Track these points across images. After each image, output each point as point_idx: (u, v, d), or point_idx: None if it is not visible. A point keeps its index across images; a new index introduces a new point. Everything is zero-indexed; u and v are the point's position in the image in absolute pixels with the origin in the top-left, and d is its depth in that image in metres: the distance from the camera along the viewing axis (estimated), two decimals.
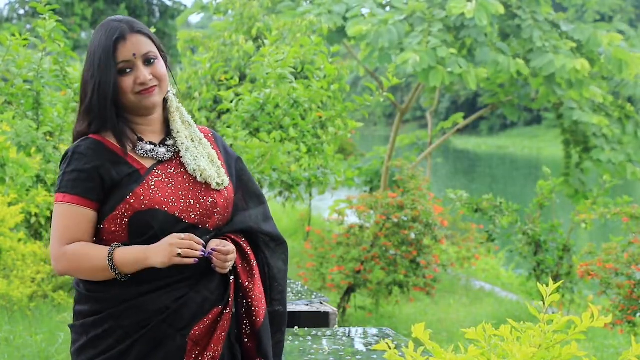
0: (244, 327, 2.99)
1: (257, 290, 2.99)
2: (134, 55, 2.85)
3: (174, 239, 2.73)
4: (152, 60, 2.89)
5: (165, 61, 2.97)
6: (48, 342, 7.15)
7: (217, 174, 2.95)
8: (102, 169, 2.81)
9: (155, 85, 2.89)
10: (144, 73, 2.85)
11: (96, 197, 2.81)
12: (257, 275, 3.01)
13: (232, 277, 2.94)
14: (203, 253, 2.78)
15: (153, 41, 2.92)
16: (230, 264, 2.89)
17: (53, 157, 5.77)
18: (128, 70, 2.85)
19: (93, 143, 2.86)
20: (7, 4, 35.09)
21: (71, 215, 2.79)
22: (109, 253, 2.76)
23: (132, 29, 2.87)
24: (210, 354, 2.86)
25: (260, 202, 3.10)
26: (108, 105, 2.84)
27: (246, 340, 3.00)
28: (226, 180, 2.97)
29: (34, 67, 5.85)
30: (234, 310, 2.97)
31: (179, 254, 2.73)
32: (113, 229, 2.82)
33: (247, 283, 2.98)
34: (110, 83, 2.82)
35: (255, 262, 3.01)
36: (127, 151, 2.87)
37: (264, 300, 3.01)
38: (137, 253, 2.76)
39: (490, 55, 12.20)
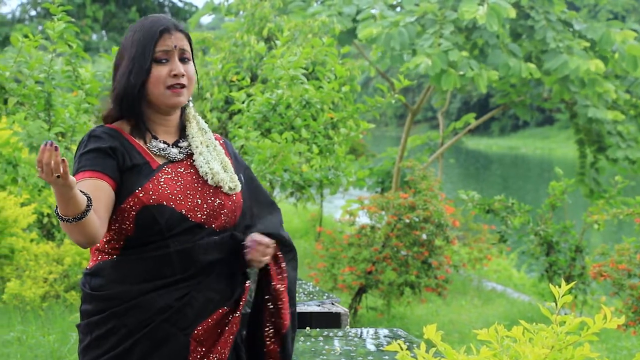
0: (266, 329, 3.00)
1: (286, 294, 3.01)
2: (175, 46, 2.88)
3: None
4: (187, 60, 2.92)
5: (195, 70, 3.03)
6: (60, 342, 7.16)
7: (229, 179, 2.95)
8: (118, 151, 2.82)
9: (185, 86, 2.90)
10: (179, 66, 2.88)
11: (113, 174, 2.80)
12: (287, 279, 3.02)
13: (248, 282, 2.95)
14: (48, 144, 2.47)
15: (190, 45, 2.96)
16: (267, 259, 2.91)
17: (65, 157, 5.78)
18: (164, 61, 2.87)
19: (109, 129, 2.88)
20: (19, 5, 35.21)
21: (89, 187, 2.72)
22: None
23: (176, 27, 2.92)
24: (216, 356, 2.87)
25: (276, 209, 3.12)
26: (136, 93, 2.86)
27: (269, 342, 3.00)
28: (239, 186, 2.98)
29: (45, 69, 5.87)
30: (247, 311, 2.98)
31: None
32: (120, 221, 2.82)
33: (278, 286, 2.99)
34: (144, 68, 2.85)
35: (284, 265, 3.02)
36: (143, 142, 2.89)
37: (288, 304, 3.03)
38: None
39: (502, 57, 12.17)
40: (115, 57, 2.97)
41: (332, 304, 5.10)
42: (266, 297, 3.00)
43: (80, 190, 2.61)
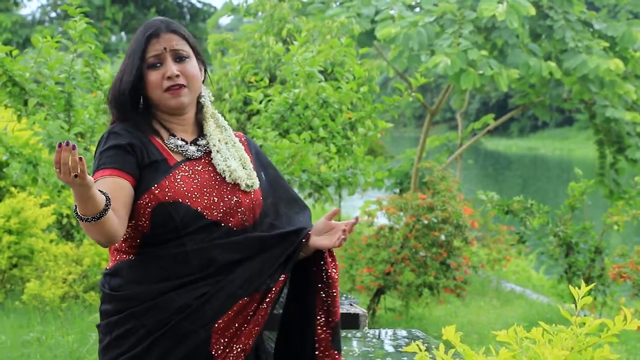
0: (318, 317, 2.98)
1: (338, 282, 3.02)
2: (165, 49, 2.88)
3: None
4: (183, 59, 2.91)
5: (204, 66, 3.02)
6: (79, 342, 7.19)
7: (247, 176, 2.95)
8: (137, 148, 2.83)
9: (184, 86, 2.90)
10: (172, 67, 2.88)
11: (133, 171, 2.81)
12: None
13: (283, 275, 2.92)
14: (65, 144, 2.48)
15: (188, 42, 2.95)
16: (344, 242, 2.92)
17: (84, 158, 5.80)
18: (158, 65, 2.88)
19: (128, 126, 2.89)
20: (38, 7, 35.38)
21: (109, 186, 2.74)
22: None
23: (167, 28, 2.92)
24: (240, 347, 2.85)
25: (303, 208, 3.12)
26: (126, 99, 2.88)
27: (320, 330, 2.97)
28: (256, 183, 2.97)
29: (65, 69, 5.90)
30: (279, 311, 2.99)
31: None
32: (137, 217, 2.83)
33: (335, 275, 2.99)
34: (132, 75, 2.87)
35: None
36: (161, 139, 2.90)
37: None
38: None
39: (521, 57, 12.13)
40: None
41: (351, 304, 5.10)
42: (319, 285, 2.99)
43: (100, 190, 2.62)
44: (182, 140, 2.94)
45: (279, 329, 3.05)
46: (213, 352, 2.82)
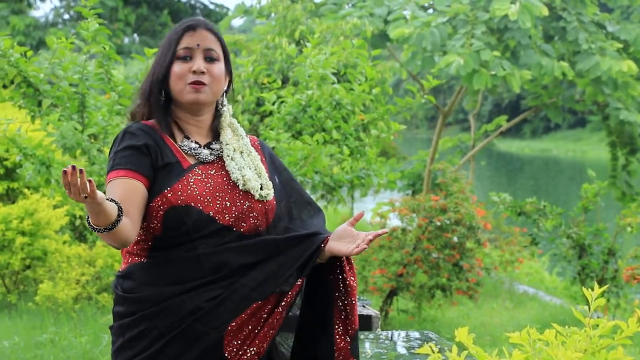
0: (336, 327, 2.96)
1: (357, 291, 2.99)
2: (197, 45, 2.90)
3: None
4: (213, 60, 2.92)
5: (230, 77, 3.03)
6: (92, 343, 7.20)
7: (260, 187, 2.94)
8: (151, 148, 2.84)
9: (206, 85, 2.91)
10: (201, 64, 2.89)
11: (147, 173, 2.82)
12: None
13: (300, 278, 2.90)
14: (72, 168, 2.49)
15: (222, 47, 2.97)
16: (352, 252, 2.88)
17: (97, 159, 5.82)
18: (188, 58, 2.90)
19: (144, 125, 2.90)
20: (52, 9, 35.49)
21: (122, 188, 2.76)
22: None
23: (205, 25, 2.94)
24: (254, 349, 2.84)
25: (317, 211, 3.10)
26: (157, 90, 2.90)
27: (339, 340, 2.95)
28: (271, 194, 2.95)
29: (78, 70, 5.91)
30: (296, 313, 2.97)
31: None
32: (149, 220, 2.83)
33: (353, 283, 2.97)
34: (164, 67, 2.89)
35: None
36: (175, 140, 2.91)
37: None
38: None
39: (534, 57, 12.10)
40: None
41: (363, 306, 5.10)
42: (336, 294, 2.96)
43: (112, 199, 2.64)
44: (196, 143, 2.94)
45: (295, 334, 3.03)
46: (226, 355, 2.82)
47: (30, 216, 8.83)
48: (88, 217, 2.62)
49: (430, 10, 13.23)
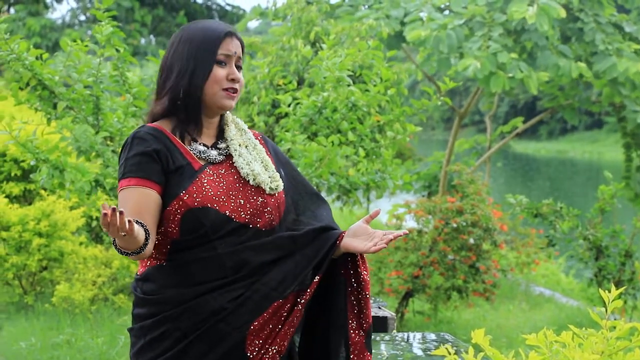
0: (350, 322, 2.97)
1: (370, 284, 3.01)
2: (235, 53, 2.95)
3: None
4: (240, 68, 2.98)
5: None
6: (109, 344, 7.22)
7: (270, 179, 2.96)
8: (161, 153, 2.85)
9: (237, 91, 2.96)
10: (236, 72, 2.94)
11: (159, 179, 2.83)
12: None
13: (317, 276, 2.91)
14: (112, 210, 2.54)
15: (243, 55, 3.03)
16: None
17: (112, 161, 5.82)
18: (224, 64, 2.93)
19: (152, 129, 2.90)
20: (68, 11, 35.61)
21: (136, 197, 2.79)
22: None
23: (237, 35, 2.99)
24: (275, 348, 2.86)
25: (323, 202, 3.13)
26: (196, 91, 2.90)
27: (354, 334, 2.97)
28: (280, 185, 2.98)
29: (93, 72, 5.92)
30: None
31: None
32: (166, 224, 2.84)
33: (367, 277, 2.99)
34: (207, 70, 2.89)
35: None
36: (185, 142, 2.92)
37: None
38: None
39: (551, 58, 12.05)
40: (164, 58, 2.99)
41: (379, 307, 5.09)
42: (349, 289, 2.98)
43: (137, 221, 2.69)
44: (204, 145, 2.95)
45: (302, 330, 3.04)
46: (248, 354, 2.83)
47: (47, 217, 8.86)
48: (114, 241, 2.68)
49: (447, 12, 13.20)
